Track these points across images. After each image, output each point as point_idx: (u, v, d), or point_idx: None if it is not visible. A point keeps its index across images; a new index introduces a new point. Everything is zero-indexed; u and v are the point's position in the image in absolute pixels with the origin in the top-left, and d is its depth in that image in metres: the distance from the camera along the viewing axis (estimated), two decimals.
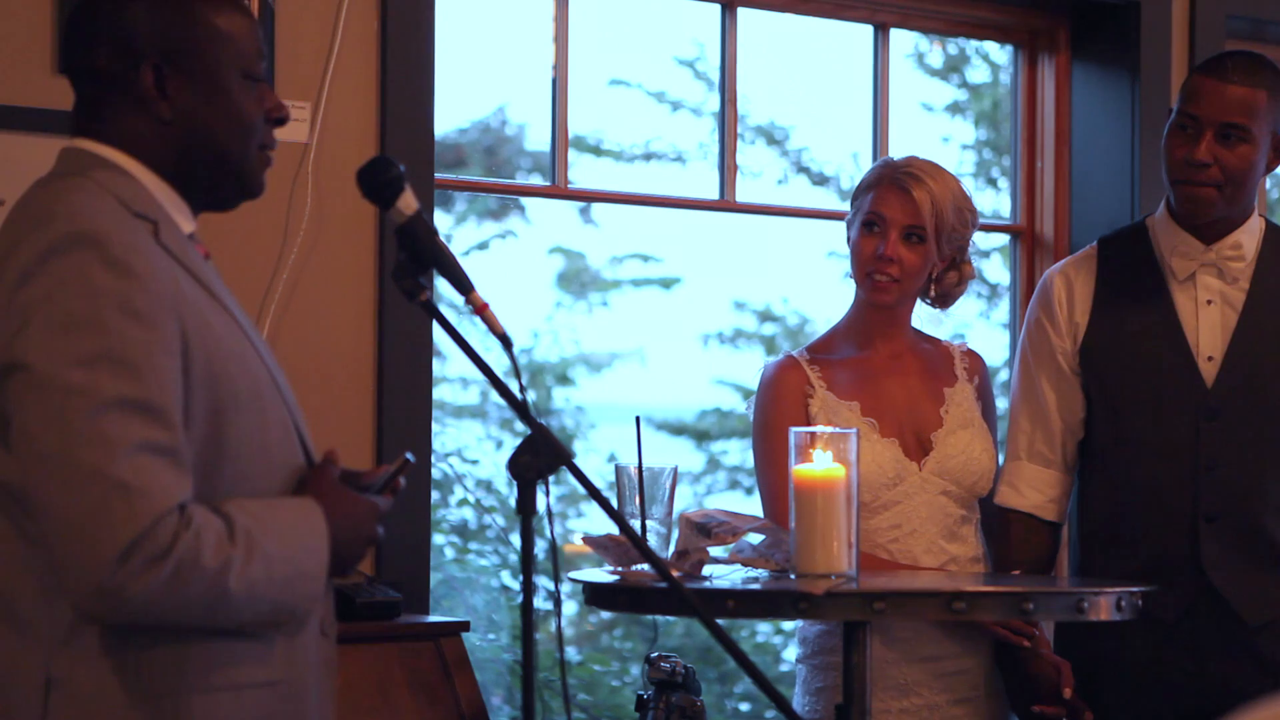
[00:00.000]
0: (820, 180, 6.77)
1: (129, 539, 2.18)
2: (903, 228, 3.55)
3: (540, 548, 2.46)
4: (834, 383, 3.58)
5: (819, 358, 3.61)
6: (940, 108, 6.81)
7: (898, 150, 4.93)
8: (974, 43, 6.56)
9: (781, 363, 3.62)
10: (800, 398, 3.57)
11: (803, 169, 6.80)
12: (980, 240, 3.72)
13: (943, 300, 3.68)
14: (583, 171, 6.50)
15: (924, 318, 3.74)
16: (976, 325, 3.71)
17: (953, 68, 6.86)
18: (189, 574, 2.21)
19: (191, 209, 2.47)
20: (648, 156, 6.68)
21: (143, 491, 2.19)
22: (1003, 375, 5.14)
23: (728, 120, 4.72)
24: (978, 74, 6.89)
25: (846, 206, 3.68)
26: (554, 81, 4.46)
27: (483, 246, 6.92)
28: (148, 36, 2.39)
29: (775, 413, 3.56)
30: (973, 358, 3.72)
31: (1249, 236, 3.63)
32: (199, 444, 2.30)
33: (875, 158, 4.96)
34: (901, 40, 5.21)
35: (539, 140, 6.61)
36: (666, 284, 7.42)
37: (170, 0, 2.41)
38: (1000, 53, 6.39)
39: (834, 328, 3.68)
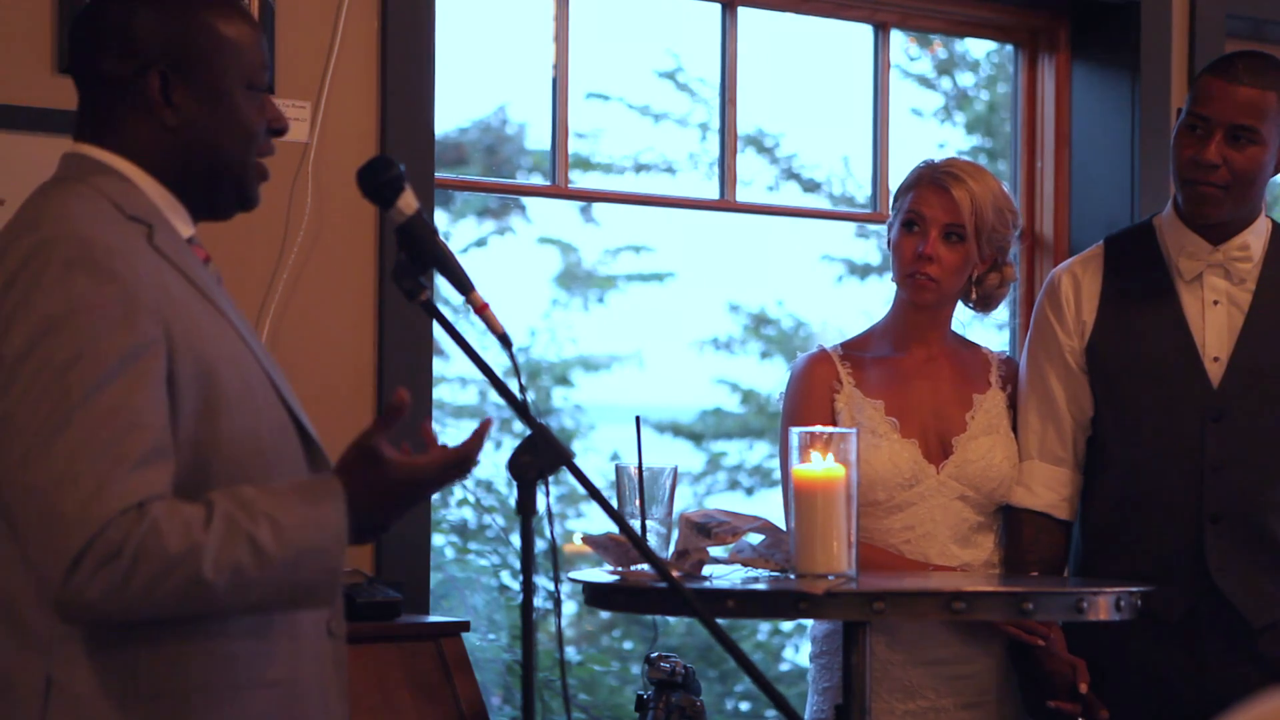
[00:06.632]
0: (811, 187, 6.76)
1: (78, 547, 2.17)
2: (942, 226, 3.55)
3: (540, 548, 2.46)
4: (862, 380, 3.59)
5: (852, 354, 3.63)
6: (936, 110, 6.81)
7: (895, 151, 4.93)
8: (971, 45, 6.56)
9: (814, 355, 3.63)
10: (827, 391, 3.59)
11: (792, 175, 6.78)
12: None
13: (984, 303, 3.68)
14: (580, 174, 6.50)
15: None
16: (974, 324, 3.71)
17: (943, 71, 6.86)
18: (147, 568, 2.18)
19: (191, 214, 2.47)
20: (638, 169, 6.68)
21: (97, 498, 2.18)
22: None
23: (728, 120, 4.72)
24: (975, 77, 6.89)
25: (839, 210, 3.69)
26: (554, 81, 4.46)
27: (481, 244, 6.92)
28: (155, 43, 2.39)
29: (801, 404, 3.58)
30: (1010, 365, 3.72)
31: (1256, 238, 3.62)
32: (187, 443, 2.30)
33: (875, 157, 4.96)
34: (900, 43, 5.20)
35: (539, 140, 6.62)
36: (661, 277, 7.42)
37: (178, 7, 2.42)
38: (999, 53, 6.39)
39: (873, 327, 3.69)
